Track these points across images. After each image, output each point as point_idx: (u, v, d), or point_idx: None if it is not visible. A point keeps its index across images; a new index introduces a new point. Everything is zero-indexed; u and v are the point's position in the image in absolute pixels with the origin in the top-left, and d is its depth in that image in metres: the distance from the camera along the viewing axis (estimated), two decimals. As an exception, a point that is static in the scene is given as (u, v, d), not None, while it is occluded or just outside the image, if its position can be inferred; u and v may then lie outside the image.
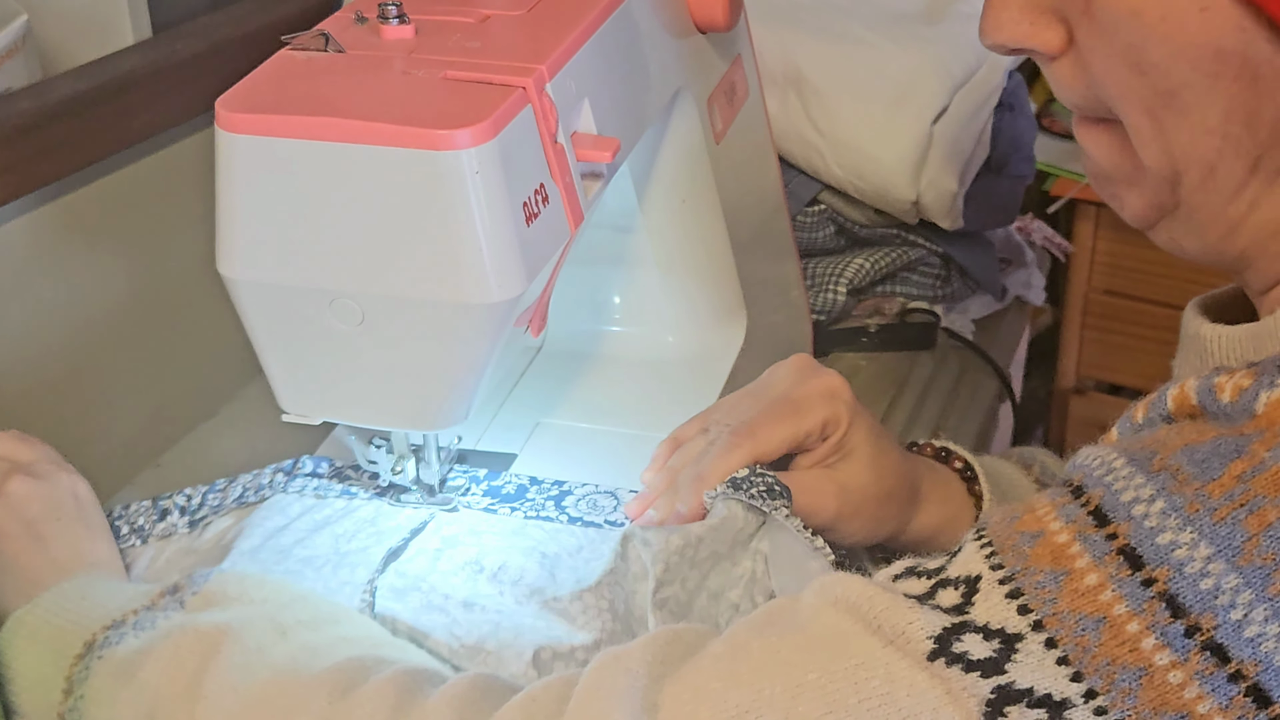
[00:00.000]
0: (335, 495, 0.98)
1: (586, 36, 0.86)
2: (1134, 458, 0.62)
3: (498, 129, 0.75)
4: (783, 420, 0.91)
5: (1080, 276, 2.13)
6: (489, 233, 0.75)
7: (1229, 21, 0.63)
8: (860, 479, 0.93)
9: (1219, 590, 0.57)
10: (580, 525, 0.95)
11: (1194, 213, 0.71)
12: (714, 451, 0.90)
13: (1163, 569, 0.58)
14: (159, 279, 1.24)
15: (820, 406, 0.92)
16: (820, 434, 0.92)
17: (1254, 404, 0.60)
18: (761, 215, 1.20)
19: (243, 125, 0.76)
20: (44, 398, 1.14)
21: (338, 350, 0.82)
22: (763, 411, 0.92)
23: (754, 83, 1.19)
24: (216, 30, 1.25)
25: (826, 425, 0.92)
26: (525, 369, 1.15)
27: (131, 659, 0.79)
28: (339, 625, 0.83)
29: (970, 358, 1.43)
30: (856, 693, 0.61)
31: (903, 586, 0.65)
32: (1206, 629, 0.57)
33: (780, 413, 0.92)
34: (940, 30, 1.43)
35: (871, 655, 0.62)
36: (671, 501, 0.90)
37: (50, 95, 1.09)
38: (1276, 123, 0.66)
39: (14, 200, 1.06)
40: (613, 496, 0.98)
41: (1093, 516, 0.61)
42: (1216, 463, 0.59)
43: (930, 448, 1.03)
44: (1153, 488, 0.60)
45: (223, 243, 0.80)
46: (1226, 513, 0.58)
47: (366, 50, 0.83)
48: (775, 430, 0.91)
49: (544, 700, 0.71)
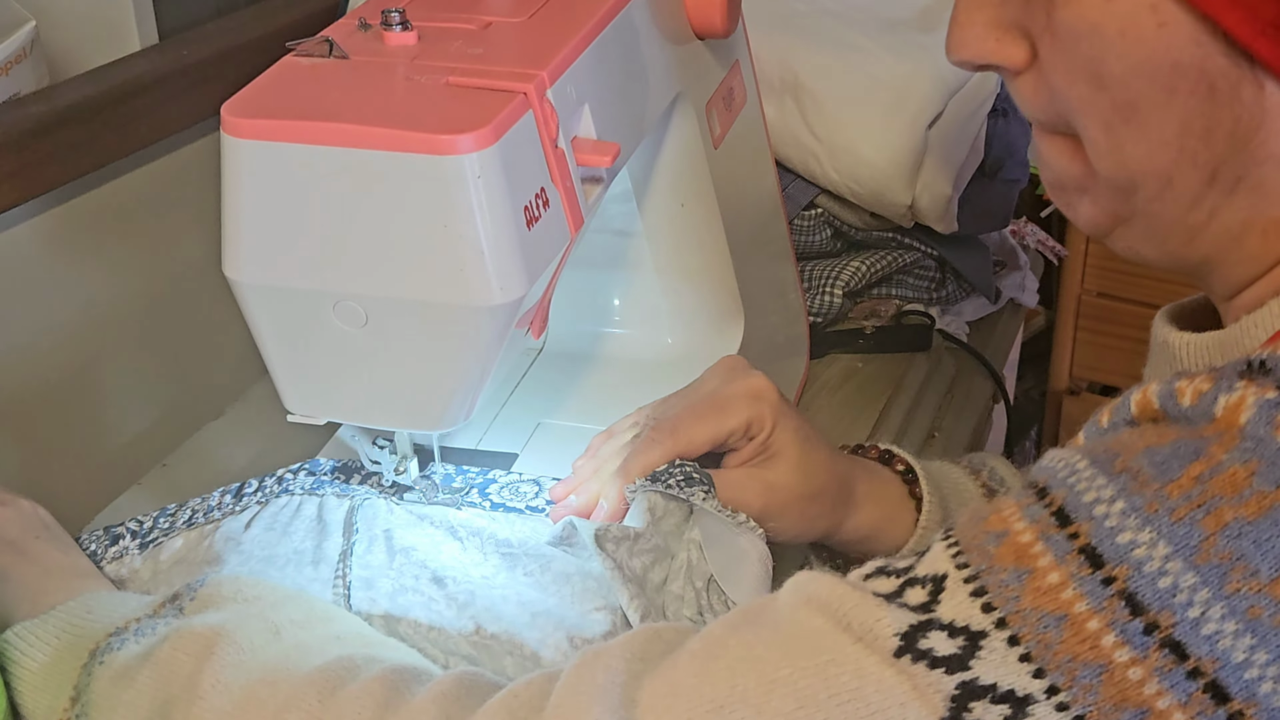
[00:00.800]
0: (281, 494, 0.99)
1: (587, 43, 0.86)
2: (1097, 459, 0.62)
3: (499, 134, 0.75)
4: (705, 418, 0.93)
5: (1073, 279, 2.13)
6: (491, 236, 0.76)
7: (1186, 36, 0.64)
8: (787, 478, 0.95)
9: (1177, 589, 0.58)
10: (502, 510, 0.97)
11: (1152, 221, 0.72)
12: (639, 447, 0.92)
13: (1122, 567, 0.59)
14: (166, 282, 1.24)
15: (744, 407, 0.94)
16: (744, 433, 0.94)
17: (1213, 407, 0.61)
18: (759, 219, 1.20)
19: (248, 130, 0.76)
20: (52, 398, 1.14)
21: (342, 352, 0.83)
22: (687, 409, 0.95)
23: (751, 88, 1.19)
24: (222, 37, 1.25)
25: (751, 425, 0.94)
26: (526, 370, 1.15)
27: (130, 664, 0.80)
28: (331, 624, 0.84)
29: (965, 359, 1.43)
30: (827, 688, 0.62)
31: (873, 585, 0.65)
32: (1165, 626, 0.57)
33: (703, 411, 0.94)
34: (935, 38, 1.43)
35: (841, 651, 0.63)
36: (594, 489, 0.94)
37: (58, 100, 1.10)
38: (1232, 134, 0.66)
39: (23, 204, 1.06)
40: (535, 484, 1.00)
41: (1055, 517, 0.62)
42: (1176, 464, 0.60)
43: (875, 450, 1.05)
44: (1114, 488, 0.61)
45: (228, 246, 0.80)
46: (1185, 513, 0.58)
47: (370, 56, 0.83)
48: (697, 427, 0.93)
49: (525, 696, 0.71)
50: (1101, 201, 0.73)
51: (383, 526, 0.94)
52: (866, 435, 1.23)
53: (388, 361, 0.83)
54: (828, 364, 1.34)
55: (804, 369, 1.30)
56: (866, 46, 1.40)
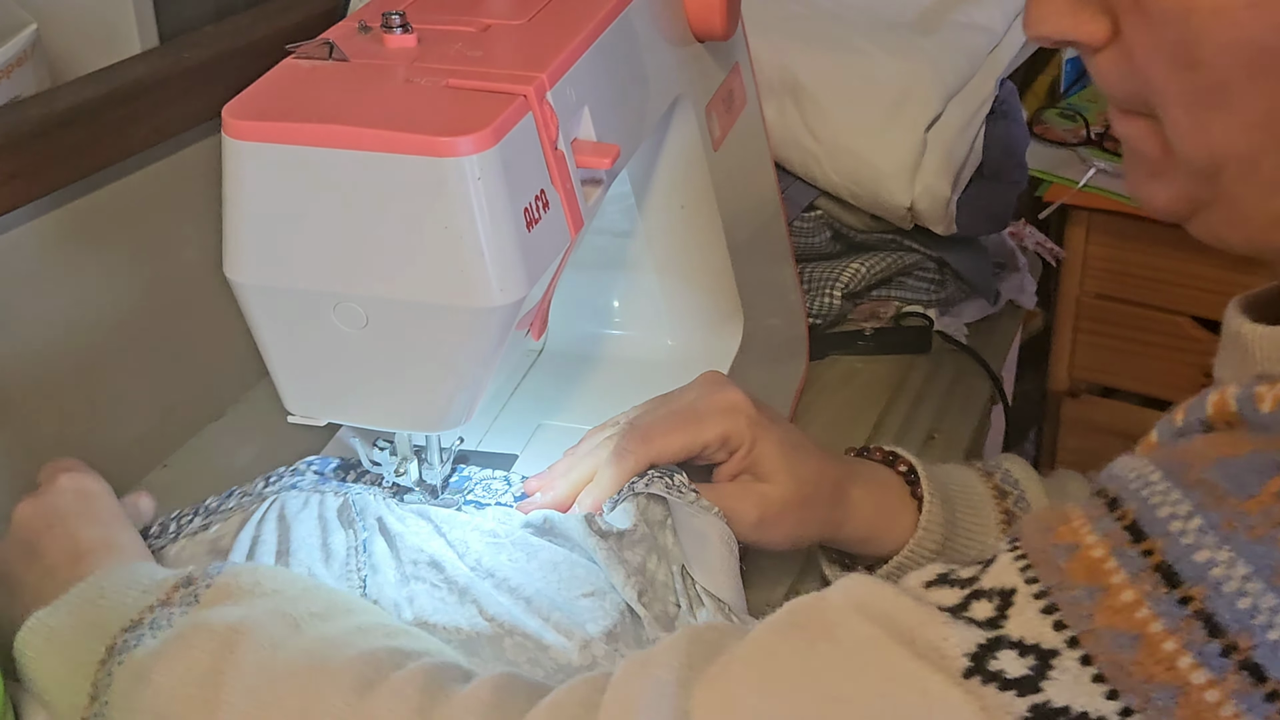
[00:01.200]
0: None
1: (587, 45, 0.86)
2: (1170, 470, 0.61)
3: (499, 136, 0.75)
4: (679, 429, 0.95)
5: (1072, 281, 2.13)
6: (491, 238, 0.75)
7: (1277, 17, 0.62)
8: (778, 487, 0.95)
9: (1256, 610, 0.56)
10: (473, 507, 0.97)
11: (1234, 206, 0.69)
12: (612, 455, 0.93)
13: (1199, 587, 0.57)
14: (167, 283, 1.24)
15: (718, 420, 0.95)
16: (721, 446, 0.95)
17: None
18: (759, 221, 1.20)
19: (249, 132, 0.76)
20: (54, 399, 1.14)
21: (342, 353, 0.83)
22: (661, 419, 0.95)
23: (751, 90, 1.19)
24: (222, 39, 1.26)
25: (728, 439, 0.95)
26: (526, 371, 1.15)
27: (146, 661, 0.78)
28: (352, 615, 0.83)
29: (964, 361, 1.43)
30: (891, 708, 0.60)
31: (935, 596, 0.63)
32: (1244, 648, 0.56)
33: (678, 422, 0.95)
34: (934, 39, 1.43)
35: (905, 670, 0.61)
36: (565, 487, 0.95)
37: (59, 102, 1.10)
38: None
39: (24, 205, 1.06)
40: (505, 481, 1.00)
41: (1128, 531, 0.60)
42: (1253, 478, 0.58)
43: (879, 452, 1.05)
44: (1190, 503, 0.59)
45: (229, 247, 0.80)
46: (1264, 531, 0.57)
47: (370, 59, 0.83)
48: (670, 438, 0.94)
49: (570, 706, 0.70)
50: (1179, 185, 0.70)
51: (374, 515, 0.94)
52: (866, 436, 1.23)
53: (388, 363, 0.83)
54: (828, 365, 1.34)
55: (804, 370, 1.30)
56: (866, 48, 1.40)
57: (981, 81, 1.42)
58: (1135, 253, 2.06)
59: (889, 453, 1.04)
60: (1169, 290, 2.06)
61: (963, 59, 1.42)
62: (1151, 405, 2.18)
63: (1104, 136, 2.00)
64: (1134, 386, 2.18)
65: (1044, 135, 2.03)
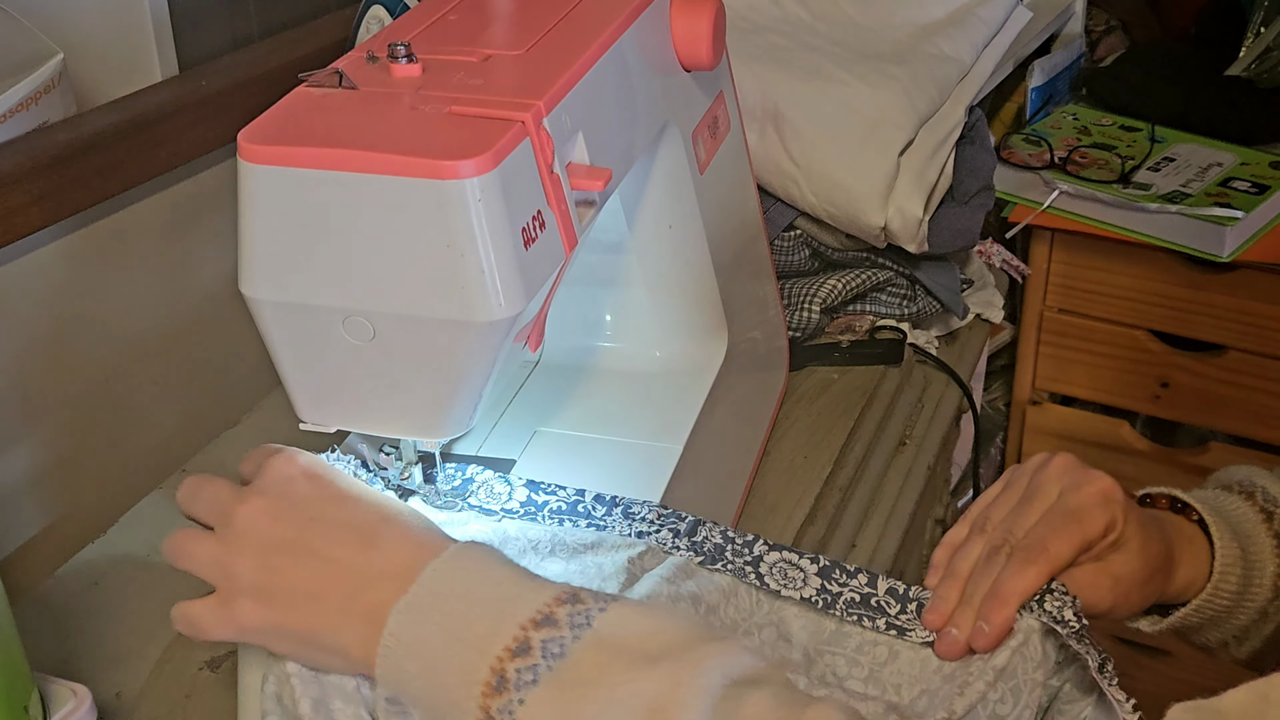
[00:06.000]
0: None
1: (581, 74, 0.86)
2: None
3: (499, 160, 0.75)
4: (1069, 532, 0.88)
5: (1036, 296, 2.13)
6: (490, 255, 0.75)
7: None
8: (1131, 567, 0.90)
9: None
10: (477, 511, 0.95)
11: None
12: (1011, 568, 0.87)
13: None
14: (185, 298, 1.24)
15: (1100, 513, 0.89)
16: (1101, 537, 0.89)
17: None
18: (742, 240, 1.20)
19: (263, 156, 0.76)
20: (80, 407, 1.14)
21: (351, 364, 0.82)
22: (1047, 525, 0.89)
23: (735, 117, 1.19)
24: (239, 68, 1.26)
25: (1108, 529, 0.89)
26: (524, 381, 1.15)
27: (563, 711, 0.68)
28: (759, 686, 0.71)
29: (934, 372, 1.43)
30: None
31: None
32: None
33: (1064, 525, 0.88)
34: (907, 69, 1.43)
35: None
36: (971, 616, 0.86)
37: (84, 128, 1.10)
38: None
39: (51, 225, 1.06)
40: (505, 481, 0.97)
41: None
42: None
43: (1164, 500, 1.00)
44: None
45: (244, 265, 0.80)
46: None
47: (377, 87, 0.83)
48: (1063, 543, 0.87)
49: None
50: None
51: None
52: (841, 442, 1.23)
53: (394, 373, 0.83)
54: (806, 375, 1.34)
55: (784, 380, 1.30)
56: (843, 78, 1.40)
57: (951, 109, 1.43)
58: (1096, 270, 2.06)
59: (1175, 500, 0.99)
60: (1127, 305, 2.07)
61: (934, 88, 1.42)
62: (1110, 414, 2.18)
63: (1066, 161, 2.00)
64: (1093, 396, 2.18)
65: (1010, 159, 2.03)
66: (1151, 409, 2.12)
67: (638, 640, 0.70)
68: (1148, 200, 1.89)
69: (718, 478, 1.11)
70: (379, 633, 0.73)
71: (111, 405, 1.17)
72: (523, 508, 0.96)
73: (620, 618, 0.72)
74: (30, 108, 1.10)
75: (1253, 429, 2.04)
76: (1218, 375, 2.03)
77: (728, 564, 0.91)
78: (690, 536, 0.92)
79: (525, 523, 0.95)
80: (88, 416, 1.15)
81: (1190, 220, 1.86)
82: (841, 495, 1.18)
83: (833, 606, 0.90)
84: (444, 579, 0.74)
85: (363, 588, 0.76)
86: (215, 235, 1.25)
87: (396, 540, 0.78)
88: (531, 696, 0.68)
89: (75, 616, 0.99)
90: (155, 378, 1.22)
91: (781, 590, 0.90)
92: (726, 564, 0.91)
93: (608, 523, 0.94)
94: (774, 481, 1.17)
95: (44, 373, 1.11)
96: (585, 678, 0.69)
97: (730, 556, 0.92)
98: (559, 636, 0.71)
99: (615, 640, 0.70)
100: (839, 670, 0.87)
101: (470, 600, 0.73)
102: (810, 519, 1.13)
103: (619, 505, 0.95)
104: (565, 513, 0.95)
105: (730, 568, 0.91)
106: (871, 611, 0.90)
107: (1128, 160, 2.00)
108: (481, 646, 0.71)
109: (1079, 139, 2.07)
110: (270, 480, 0.82)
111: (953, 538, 0.94)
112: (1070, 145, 2.04)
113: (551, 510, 0.95)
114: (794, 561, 0.92)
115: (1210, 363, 2.03)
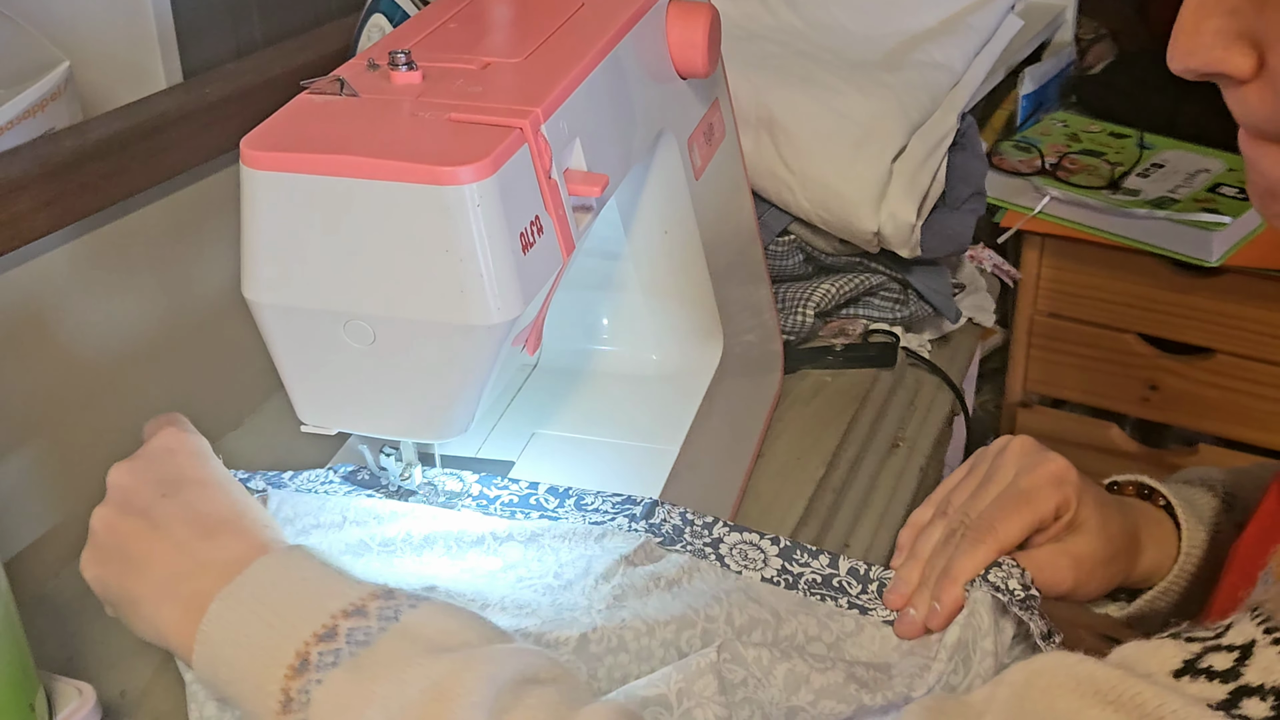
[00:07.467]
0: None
1: (578, 82, 0.86)
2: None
3: (497, 166, 0.75)
4: (1018, 512, 0.89)
5: (1026, 300, 2.14)
6: (489, 260, 0.76)
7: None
8: (1091, 547, 0.91)
9: None
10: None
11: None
12: (962, 548, 0.88)
13: None
14: (188, 302, 1.24)
15: (1051, 493, 0.90)
16: (1054, 517, 0.90)
17: None
18: (737, 245, 1.20)
19: (266, 162, 0.76)
20: (85, 409, 1.14)
21: (351, 367, 0.83)
22: (998, 505, 0.90)
23: (730, 124, 1.19)
24: (242, 76, 1.26)
25: (1059, 509, 0.90)
26: (522, 384, 1.15)
27: (355, 690, 0.69)
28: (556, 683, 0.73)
29: (927, 375, 1.43)
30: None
31: (1195, 689, 0.57)
32: None
33: (1014, 505, 0.90)
34: (899, 77, 1.43)
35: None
36: (927, 597, 0.88)
37: (90, 135, 1.10)
38: None
39: (58, 230, 1.06)
40: (459, 479, 0.99)
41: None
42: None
43: (1132, 487, 1.01)
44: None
45: (247, 269, 0.80)
46: None
47: (378, 94, 0.83)
48: (1014, 524, 0.89)
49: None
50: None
51: None
52: (836, 444, 1.23)
53: (394, 376, 0.83)
54: (800, 378, 1.34)
55: (778, 383, 1.30)
56: (836, 85, 1.40)
57: (943, 116, 1.43)
58: (1086, 274, 2.06)
59: (1141, 486, 1.00)
60: (1116, 309, 2.07)
61: (925, 95, 1.43)
62: (1099, 416, 2.18)
63: (1057, 167, 2.00)
64: (1083, 399, 2.18)
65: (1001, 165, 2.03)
66: (1140, 411, 2.13)
67: (439, 635, 0.72)
68: (1136, 206, 1.89)
69: (713, 479, 1.11)
70: (196, 619, 0.76)
71: (115, 408, 1.17)
72: (474, 501, 0.97)
73: (427, 615, 0.74)
74: (37, 115, 1.10)
75: (1240, 431, 2.04)
76: (1206, 378, 2.03)
77: (687, 545, 0.93)
78: (648, 519, 0.94)
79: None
80: (93, 419, 1.15)
81: (1178, 225, 1.86)
82: (835, 496, 1.18)
83: (794, 586, 0.91)
84: (268, 572, 0.77)
85: (189, 573, 0.79)
86: (218, 240, 1.25)
87: (235, 535, 0.81)
88: (329, 677, 0.70)
89: (80, 616, 0.99)
90: (159, 380, 1.22)
91: (743, 571, 0.92)
92: (686, 544, 0.93)
93: (559, 514, 0.94)
94: (768, 483, 1.17)
95: (49, 375, 1.11)
96: (382, 663, 0.70)
97: (689, 538, 0.93)
98: (365, 626, 0.72)
99: (417, 633, 0.72)
100: (810, 630, 0.88)
101: (289, 592, 0.75)
102: (804, 520, 1.13)
103: (571, 497, 0.97)
104: (518, 505, 0.96)
105: (690, 548, 0.92)
106: (833, 591, 0.92)
107: (1117, 166, 2.00)
108: (291, 633, 0.72)
109: (1069, 145, 2.08)
110: (151, 448, 0.87)
111: (917, 519, 0.96)
112: (1060, 151, 2.05)
113: (504, 504, 0.96)
114: (754, 543, 0.94)
115: (1198, 366, 2.03)
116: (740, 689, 0.77)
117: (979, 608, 0.86)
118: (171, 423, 0.90)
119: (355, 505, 0.96)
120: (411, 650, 0.71)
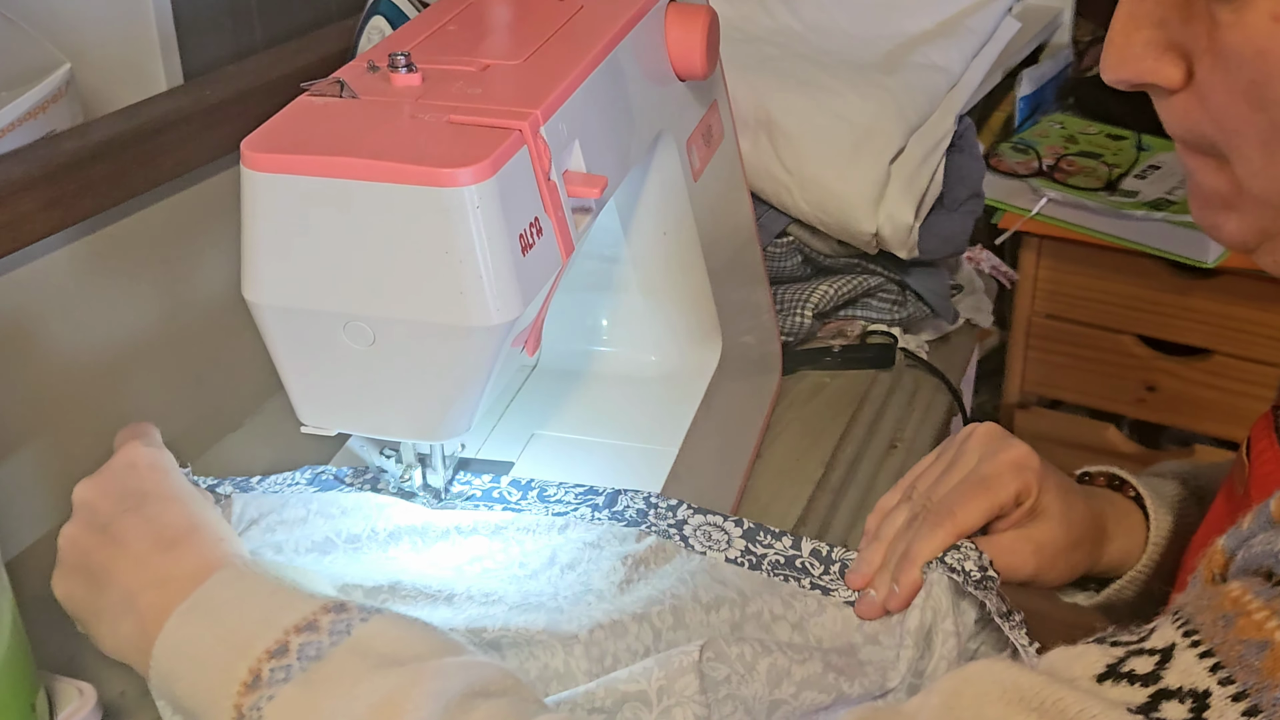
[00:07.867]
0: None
1: (577, 84, 0.86)
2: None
3: (497, 168, 0.75)
4: (978, 497, 0.90)
5: (1024, 301, 2.14)
6: (489, 262, 0.76)
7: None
8: (1053, 534, 0.91)
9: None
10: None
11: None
12: (921, 532, 0.89)
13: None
14: (189, 303, 1.24)
15: (1011, 479, 0.91)
16: (1014, 503, 0.91)
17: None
18: (735, 246, 1.20)
19: (266, 164, 0.76)
20: (86, 409, 1.14)
21: (351, 368, 0.83)
22: (959, 490, 0.91)
23: (729, 126, 1.19)
24: (242, 78, 1.26)
25: (1019, 495, 0.91)
26: (521, 385, 1.15)
27: (306, 705, 0.70)
28: None
29: (925, 375, 1.43)
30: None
31: (1115, 694, 0.58)
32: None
33: (974, 490, 0.91)
34: (897, 79, 1.43)
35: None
36: (887, 579, 0.89)
37: (91, 136, 1.10)
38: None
39: (59, 231, 1.06)
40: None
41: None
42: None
43: (1103, 477, 1.01)
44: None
45: (247, 270, 0.80)
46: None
47: (378, 96, 0.83)
48: (972, 508, 0.90)
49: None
50: (1250, 218, 0.68)
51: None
52: (833, 445, 1.23)
53: (393, 377, 0.83)
54: (798, 379, 1.34)
55: (776, 384, 1.30)
56: (834, 87, 1.40)
57: (941, 118, 1.43)
58: (1083, 276, 2.07)
59: (1112, 477, 1.01)
60: (1113, 311, 2.07)
61: (923, 97, 1.43)
62: (1097, 417, 2.18)
63: (1054, 169, 2.00)
64: (1080, 400, 2.18)
65: (998, 167, 2.03)
66: (1137, 412, 2.13)
67: (390, 648, 0.73)
68: (1134, 207, 1.89)
69: (712, 480, 1.11)
70: (154, 634, 0.77)
71: (116, 408, 1.17)
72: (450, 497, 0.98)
73: (379, 628, 0.74)
74: (38, 116, 1.10)
75: (1236, 431, 2.04)
76: (1202, 379, 2.03)
77: (651, 525, 0.93)
78: (610, 507, 0.95)
79: None
80: (93, 419, 1.15)
81: (1175, 227, 1.86)
82: (833, 497, 1.18)
83: (758, 567, 0.92)
84: (222, 588, 0.77)
85: (147, 586, 0.79)
86: (219, 241, 1.25)
87: (192, 549, 0.81)
88: (281, 693, 0.70)
89: (81, 616, 0.99)
90: (159, 381, 1.22)
91: (707, 552, 0.92)
92: (650, 525, 0.93)
93: (523, 506, 0.95)
94: (767, 484, 1.17)
95: (51, 376, 1.11)
96: (332, 678, 0.71)
97: (654, 520, 0.94)
98: (317, 641, 0.73)
99: (368, 647, 0.73)
100: (775, 610, 0.89)
101: (242, 607, 0.76)
102: (802, 520, 1.13)
103: (534, 489, 0.97)
104: (480, 499, 0.97)
105: (655, 529, 0.93)
106: (796, 572, 0.93)
107: (1114, 168, 2.00)
108: (244, 649, 0.73)
109: (1066, 147, 2.08)
110: (115, 462, 0.88)
111: (885, 503, 0.97)
112: (1057, 153, 2.05)
113: (466, 498, 0.97)
114: (718, 524, 0.94)
115: (1195, 367, 2.03)
116: (724, 685, 0.78)
117: (936, 589, 0.87)
118: (136, 435, 0.91)
119: (319, 498, 0.96)
120: (362, 665, 0.71)
